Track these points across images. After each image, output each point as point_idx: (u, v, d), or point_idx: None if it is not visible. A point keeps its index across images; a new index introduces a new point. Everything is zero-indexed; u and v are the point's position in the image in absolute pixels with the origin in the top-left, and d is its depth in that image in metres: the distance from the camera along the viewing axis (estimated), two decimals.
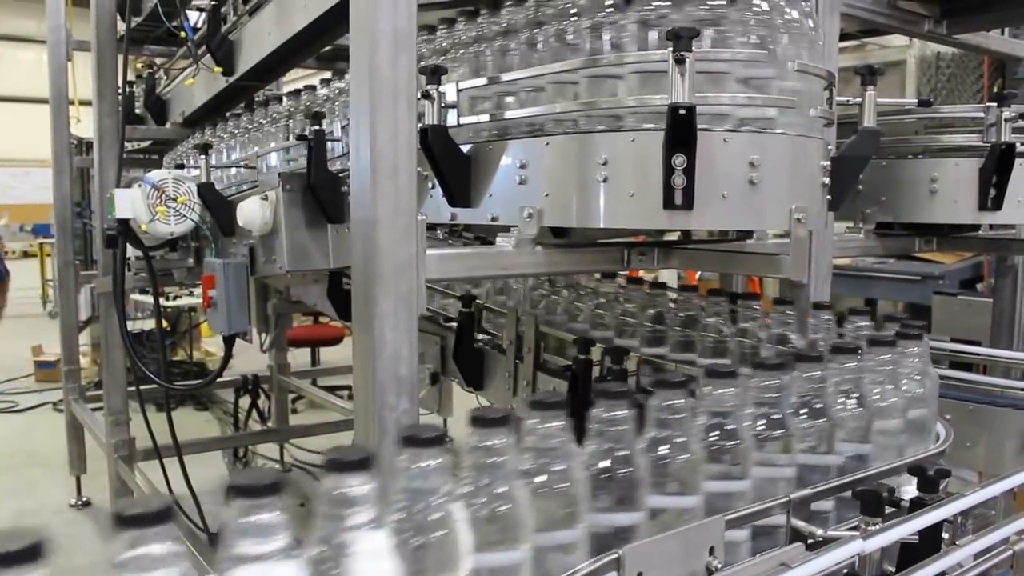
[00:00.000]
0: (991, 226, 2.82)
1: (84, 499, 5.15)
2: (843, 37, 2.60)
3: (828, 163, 1.83)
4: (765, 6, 1.70)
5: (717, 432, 1.36)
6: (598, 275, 2.94)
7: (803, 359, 1.55)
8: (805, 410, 1.50)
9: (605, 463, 1.23)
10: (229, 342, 2.88)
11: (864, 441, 1.57)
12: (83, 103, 4.93)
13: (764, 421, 1.43)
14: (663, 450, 1.28)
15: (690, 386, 1.36)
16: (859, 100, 2.08)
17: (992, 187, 2.49)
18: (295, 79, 5.19)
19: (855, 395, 1.58)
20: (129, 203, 2.82)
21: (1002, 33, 3.17)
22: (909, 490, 1.50)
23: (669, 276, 4.02)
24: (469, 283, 3.06)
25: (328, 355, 7.69)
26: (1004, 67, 3.47)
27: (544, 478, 1.17)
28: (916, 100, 2.50)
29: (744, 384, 1.44)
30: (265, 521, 0.90)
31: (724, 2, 1.68)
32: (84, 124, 4.77)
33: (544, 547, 1.16)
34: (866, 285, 5.38)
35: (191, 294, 6.78)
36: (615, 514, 1.25)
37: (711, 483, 1.34)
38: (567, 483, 1.18)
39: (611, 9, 1.76)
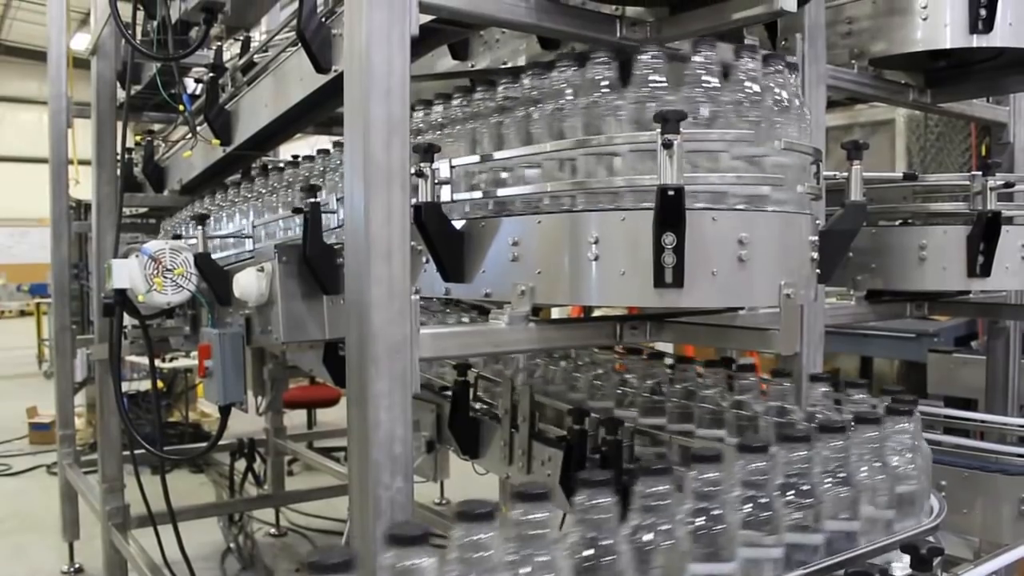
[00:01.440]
0: (981, 290, 2.84)
1: (77, 565, 5.08)
2: (830, 104, 2.65)
3: (816, 238, 1.86)
4: (753, 87, 1.75)
5: (704, 516, 1.36)
6: None
7: (788, 439, 1.55)
8: (791, 490, 1.50)
9: (589, 551, 1.23)
10: (225, 411, 2.88)
11: (852, 519, 1.57)
12: (83, 162, 4.97)
13: (749, 503, 1.43)
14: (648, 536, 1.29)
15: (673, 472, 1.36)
16: (846, 173, 2.11)
17: (980, 254, 2.51)
18: (293, 141, 5.25)
19: (841, 474, 1.58)
20: (127, 274, 2.84)
21: (987, 101, 3.23)
22: (901, 567, 1.50)
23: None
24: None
25: (325, 416, 7.66)
26: (990, 128, 3.55)
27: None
28: (903, 173, 2.54)
29: (730, 465, 1.44)
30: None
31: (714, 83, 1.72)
32: (83, 185, 4.81)
33: None
34: (861, 343, 5.39)
35: (188, 355, 6.76)
36: None
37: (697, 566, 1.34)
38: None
39: (604, 89, 1.80)
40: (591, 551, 1.21)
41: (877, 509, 1.63)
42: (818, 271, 1.90)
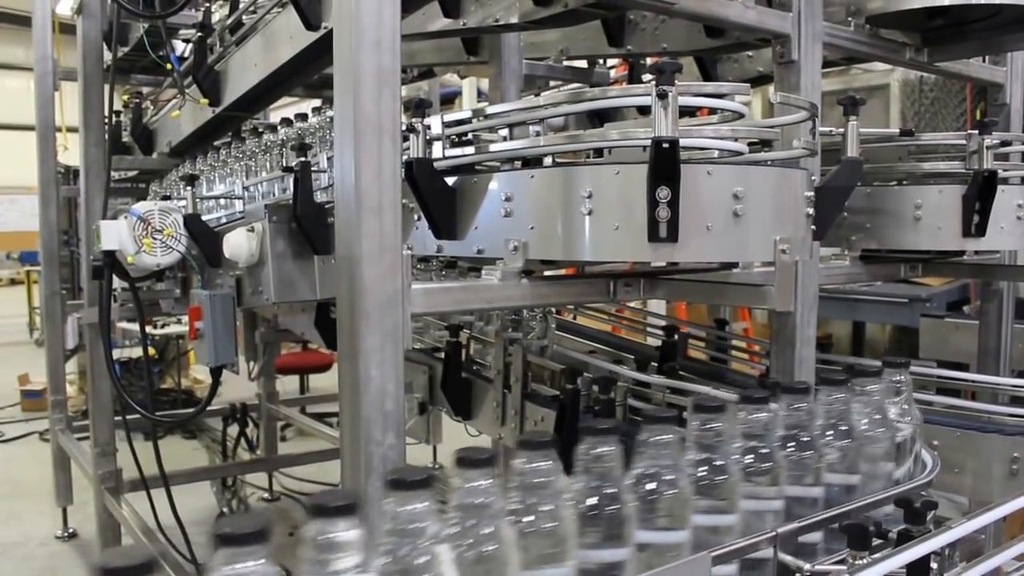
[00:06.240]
0: (976, 251, 2.83)
1: (71, 530, 5.09)
2: (826, 64, 2.62)
3: (812, 193, 1.84)
4: None
5: (706, 466, 1.35)
6: None
7: (788, 391, 1.55)
8: (791, 443, 1.50)
9: (592, 500, 1.23)
10: (216, 373, 2.87)
11: (849, 474, 1.57)
12: (71, 130, 4.91)
13: (749, 455, 1.43)
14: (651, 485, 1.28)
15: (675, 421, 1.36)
16: (842, 130, 2.09)
17: (976, 213, 2.50)
18: (282, 106, 5.20)
19: (839, 428, 1.57)
20: (115, 235, 2.80)
21: (983, 61, 3.20)
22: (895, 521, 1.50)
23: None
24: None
25: (317, 382, 7.66)
26: (986, 91, 3.51)
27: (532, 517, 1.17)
28: (899, 130, 2.51)
29: (731, 417, 1.44)
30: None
31: None
32: (72, 151, 4.76)
33: None
34: (853, 308, 5.39)
35: (179, 322, 6.75)
36: (603, 550, 1.24)
37: (699, 517, 1.34)
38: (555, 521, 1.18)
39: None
40: (595, 499, 1.20)
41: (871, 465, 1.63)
42: (813, 228, 1.89)
